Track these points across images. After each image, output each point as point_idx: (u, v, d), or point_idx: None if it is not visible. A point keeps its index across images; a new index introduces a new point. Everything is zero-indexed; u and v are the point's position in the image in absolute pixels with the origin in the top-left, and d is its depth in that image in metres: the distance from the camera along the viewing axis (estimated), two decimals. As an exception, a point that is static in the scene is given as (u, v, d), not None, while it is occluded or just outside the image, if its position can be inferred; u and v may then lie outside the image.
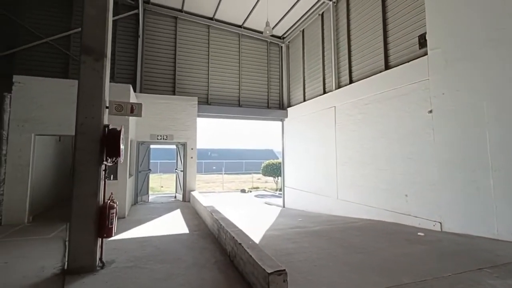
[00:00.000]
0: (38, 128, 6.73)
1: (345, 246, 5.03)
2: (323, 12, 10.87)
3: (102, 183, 4.18)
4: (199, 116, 10.96)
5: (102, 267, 4.00)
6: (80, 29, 10.22)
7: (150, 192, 9.97)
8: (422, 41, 6.67)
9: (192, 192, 9.36)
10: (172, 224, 6.59)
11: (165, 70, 11.67)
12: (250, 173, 25.85)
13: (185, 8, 11.89)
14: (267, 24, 9.77)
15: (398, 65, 7.29)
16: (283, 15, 11.90)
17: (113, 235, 4.18)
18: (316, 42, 11.33)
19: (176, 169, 10.37)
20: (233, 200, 14.37)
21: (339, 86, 9.75)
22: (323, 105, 10.37)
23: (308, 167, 11.29)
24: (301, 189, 11.67)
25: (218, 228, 5.16)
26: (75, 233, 3.94)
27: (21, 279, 3.67)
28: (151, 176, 10.98)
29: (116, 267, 4.04)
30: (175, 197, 10.16)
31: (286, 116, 13.31)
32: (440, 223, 5.97)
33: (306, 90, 12.02)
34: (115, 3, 4.65)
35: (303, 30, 12.30)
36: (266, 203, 14.50)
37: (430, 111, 6.30)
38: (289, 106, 13.33)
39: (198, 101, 11.06)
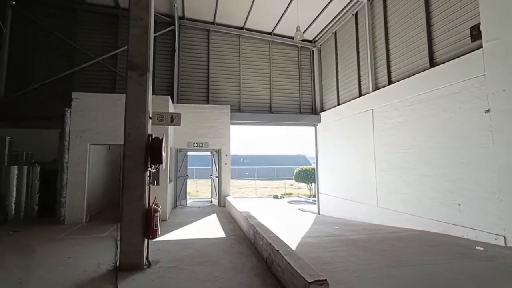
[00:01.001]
0: (93, 138, 7.49)
1: (388, 258, 4.76)
2: (357, 12, 10.62)
3: (147, 188, 4.54)
4: (232, 123, 11.29)
5: (148, 266, 4.32)
6: (125, 47, 11.24)
7: (187, 197, 10.45)
8: (475, 33, 6.02)
9: (226, 197, 9.63)
10: (209, 228, 6.84)
11: (199, 81, 12.28)
12: (282, 179, 25.72)
13: (217, 20, 12.43)
14: (298, 29, 9.81)
15: (446, 62, 6.73)
16: (313, 19, 11.86)
17: (157, 236, 4.50)
18: (350, 43, 11.08)
19: (211, 175, 10.77)
20: (266, 206, 14.42)
21: (376, 88, 9.39)
22: (359, 108, 10.06)
23: (343, 173, 10.97)
24: (337, 196, 11.35)
25: (254, 234, 5.25)
26: (125, 233, 4.31)
27: (82, 273, 4.10)
28: (188, 181, 11.53)
29: (161, 266, 4.33)
30: (211, 201, 10.53)
31: (319, 121, 13.11)
32: (504, 237, 5.26)
33: (340, 93, 11.76)
34: (154, 21, 5.05)
35: (335, 32, 12.12)
36: (300, 209, 14.32)
37: (487, 111, 5.62)
38: (322, 110, 13.12)
39: (230, 109, 11.43)
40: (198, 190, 15.34)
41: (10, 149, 8.77)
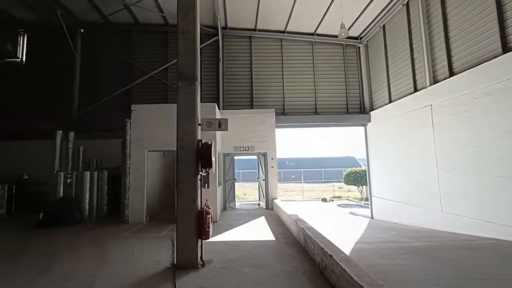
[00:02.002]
0: (149, 146, 8.15)
1: (459, 270, 4.24)
2: (407, 1, 9.84)
3: (199, 191, 4.76)
4: (276, 127, 11.27)
5: (202, 265, 4.51)
6: (174, 61, 12.03)
7: (236, 200, 10.71)
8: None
9: (274, 200, 9.62)
10: (259, 230, 6.89)
11: (243, 86, 12.59)
12: (330, 182, 24.80)
13: (258, 27, 12.63)
14: (342, 26, 9.44)
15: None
16: (358, 14, 11.31)
17: (210, 237, 4.67)
18: (401, 35, 10.29)
19: (258, 178, 10.88)
20: (315, 209, 14.04)
21: (434, 81, 8.53)
22: (415, 104, 9.24)
23: (399, 174, 10.14)
24: (392, 199, 10.51)
25: (305, 237, 5.13)
26: (180, 234, 4.57)
27: (144, 269, 4.46)
28: (235, 185, 11.83)
29: (214, 266, 4.47)
30: (259, 204, 10.63)
31: (369, 121, 12.37)
32: None
33: (391, 90, 10.96)
34: (199, 33, 5.31)
35: (383, 25, 11.39)
36: (351, 213, 13.62)
37: None
38: (372, 109, 12.36)
39: (275, 113, 11.43)
40: (245, 193, 15.63)
41: (84, 157, 10.04)
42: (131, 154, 8.06)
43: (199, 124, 5.02)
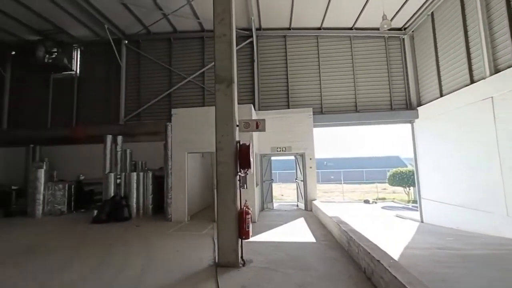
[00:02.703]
0: (189, 147, 8.46)
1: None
2: (460, -16, 8.92)
3: (238, 191, 4.79)
4: (314, 126, 10.94)
5: (243, 265, 4.52)
6: (211, 65, 12.36)
7: (273, 200, 10.62)
8: None
9: (313, 202, 9.35)
10: (298, 231, 6.74)
11: (278, 86, 12.50)
12: (373, 183, 23.44)
13: (292, 25, 12.45)
14: (384, 17, 8.89)
15: None
16: (402, 4, 10.55)
17: (250, 237, 4.67)
18: (453, 23, 9.36)
19: (296, 179, 10.68)
20: (357, 211, 13.37)
21: (496, 71, 7.59)
22: (471, 97, 8.32)
23: (453, 175, 9.20)
24: (445, 202, 9.57)
25: (348, 241, 4.88)
26: (221, 233, 4.63)
27: (188, 265, 4.62)
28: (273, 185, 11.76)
29: (254, 266, 4.46)
30: (297, 205, 10.43)
31: (417, 117, 11.45)
32: None
33: (442, 83, 10.01)
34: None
35: (431, 13, 10.47)
36: (397, 216, 12.71)
37: None
38: (420, 105, 11.43)
39: (312, 112, 11.11)
40: (283, 193, 15.49)
41: (131, 159, 10.79)
42: (172, 156, 8.44)
43: (237, 126, 5.06)
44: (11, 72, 14.49)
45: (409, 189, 18.00)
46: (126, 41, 13.48)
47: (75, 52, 14.04)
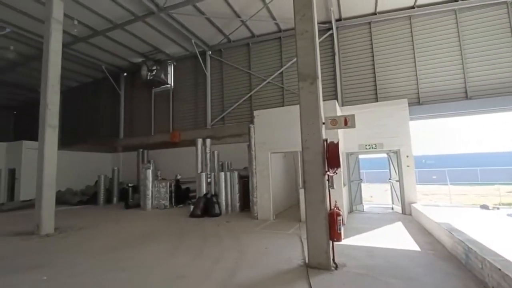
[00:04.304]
0: (272, 147, 8.62)
1: None
2: None
3: (327, 191, 4.58)
4: (411, 119, 9.54)
5: (335, 268, 4.30)
6: (287, 65, 12.33)
7: (363, 202, 9.80)
8: None
9: (412, 205, 8.23)
10: (397, 237, 6.02)
11: (364, 79, 11.58)
12: (492, 184, 19.09)
13: (378, 9, 11.33)
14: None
15: None
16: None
17: (341, 240, 4.41)
18: None
19: (389, 179, 9.60)
20: (471, 218, 11.11)
21: None
22: None
23: None
24: None
25: (466, 252, 4.07)
26: (310, 233, 4.52)
27: (277, 263, 4.66)
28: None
29: (348, 271, 4.18)
30: (392, 208, 9.35)
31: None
32: None
33: None
34: (312, 30, 5.12)
35: None
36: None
37: None
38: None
39: (407, 103, 9.79)
40: (372, 195, 14.25)
41: (218, 160, 11.73)
42: (256, 156, 8.75)
43: (323, 123, 4.86)
44: (124, 90, 17.76)
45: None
46: (210, 52, 14.78)
47: (170, 67, 16.22)
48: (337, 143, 4.66)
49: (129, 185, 13.62)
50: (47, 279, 4.22)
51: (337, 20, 12.02)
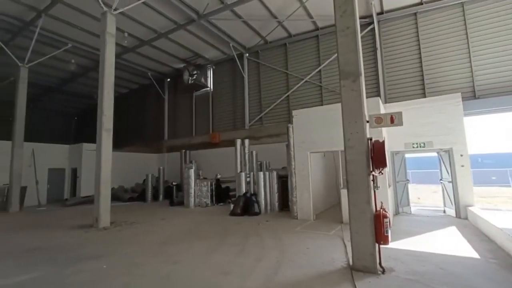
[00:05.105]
0: (311, 147, 8.52)
1: None
2: None
3: (372, 192, 4.42)
4: (465, 115, 8.64)
5: (382, 272, 4.13)
6: (324, 64, 12.06)
7: (410, 204, 9.20)
8: None
9: (469, 208, 7.50)
10: (451, 243, 5.57)
11: (409, 73, 10.91)
12: None
13: (425, -3, 10.55)
14: None
15: None
16: None
17: (389, 243, 4.22)
18: None
19: (441, 179, 8.86)
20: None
21: None
22: None
23: None
24: None
25: (537, 262, 3.64)
26: (354, 235, 4.40)
27: (320, 264, 4.62)
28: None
29: (397, 276, 3.99)
30: (444, 211, 8.61)
31: None
32: None
33: None
34: (352, 26, 4.95)
35: None
36: None
37: None
38: None
39: (461, 97, 8.96)
40: (419, 197, 13.30)
41: (256, 160, 11.90)
42: (295, 155, 8.72)
43: (367, 121, 4.70)
44: (167, 94, 18.89)
45: None
46: (247, 54, 15.05)
47: (209, 71, 16.86)
48: (383, 141, 4.49)
49: (173, 183, 14.45)
50: (106, 268, 4.69)
51: (378, 14, 11.45)
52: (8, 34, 12.36)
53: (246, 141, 12.05)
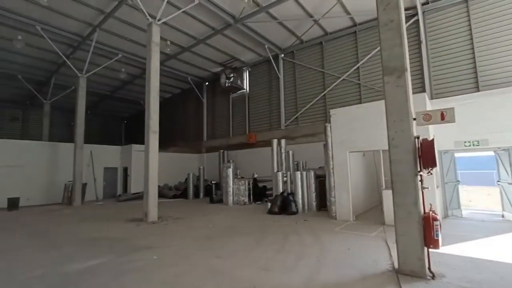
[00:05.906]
0: (350, 146, 8.32)
1: None
2: None
3: (420, 193, 4.23)
4: None
5: (432, 278, 3.94)
6: (363, 61, 11.64)
7: (461, 207, 8.51)
8: None
9: (533, 214, 6.77)
10: (511, 250, 5.09)
11: (459, 66, 10.10)
12: None
13: (480, -19, 9.68)
14: None
15: None
16: None
17: (439, 247, 4.02)
18: None
19: (498, 181, 8.06)
20: None
21: None
22: None
23: None
24: None
25: None
26: (400, 237, 4.25)
27: (363, 265, 4.53)
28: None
29: (450, 283, 3.79)
30: (503, 216, 7.82)
31: None
32: None
33: None
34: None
35: None
36: None
37: None
38: None
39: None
40: (471, 199, 12.23)
41: (293, 160, 11.90)
42: (333, 155, 8.58)
43: (414, 119, 4.50)
44: (206, 98, 19.69)
45: None
46: (283, 55, 15.11)
47: (245, 73, 17.23)
48: (432, 140, 4.27)
49: (213, 182, 15.04)
50: (156, 259, 5.12)
51: (423, 4, 10.76)
52: (69, 48, 13.93)
53: (283, 141, 12.12)
